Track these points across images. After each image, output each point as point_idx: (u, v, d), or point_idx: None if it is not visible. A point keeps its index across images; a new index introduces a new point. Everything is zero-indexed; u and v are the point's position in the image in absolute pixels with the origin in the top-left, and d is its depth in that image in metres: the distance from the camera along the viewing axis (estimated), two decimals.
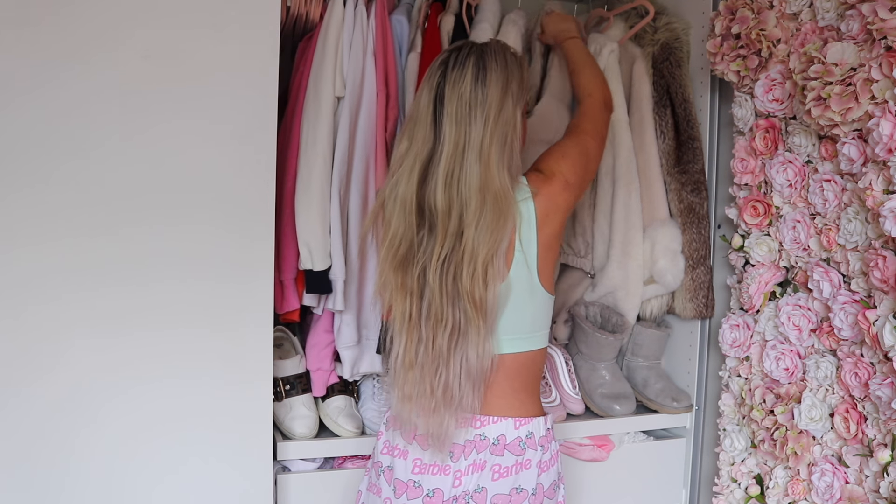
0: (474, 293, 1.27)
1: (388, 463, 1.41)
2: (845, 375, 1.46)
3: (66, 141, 1.41)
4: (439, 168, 1.28)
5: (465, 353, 1.28)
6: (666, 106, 1.88)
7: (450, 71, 1.30)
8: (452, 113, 1.28)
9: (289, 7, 1.76)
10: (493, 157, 1.28)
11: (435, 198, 1.28)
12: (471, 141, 1.27)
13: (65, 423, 1.44)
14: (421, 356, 1.30)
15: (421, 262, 1.30)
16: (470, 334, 1.28)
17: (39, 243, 1.40)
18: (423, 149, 1.30)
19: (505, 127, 1.30)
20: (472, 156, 1.27)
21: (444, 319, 1.28)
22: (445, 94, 1.29)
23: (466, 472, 1.34)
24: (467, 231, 1.27)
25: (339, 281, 1.69)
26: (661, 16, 1.92)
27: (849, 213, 1.45)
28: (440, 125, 1.29)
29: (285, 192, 1.68)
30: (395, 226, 1.31)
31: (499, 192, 1.27)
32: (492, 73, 1.30)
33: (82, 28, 1.40)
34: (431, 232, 1.29)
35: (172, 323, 1.48)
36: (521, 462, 1.34)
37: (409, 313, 1.31)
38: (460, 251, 1.27)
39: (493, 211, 1.27)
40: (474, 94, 1.28)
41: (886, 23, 1.32)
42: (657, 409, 1.93)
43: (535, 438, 1.35)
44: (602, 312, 1.96)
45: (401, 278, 1.31)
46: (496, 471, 1.33)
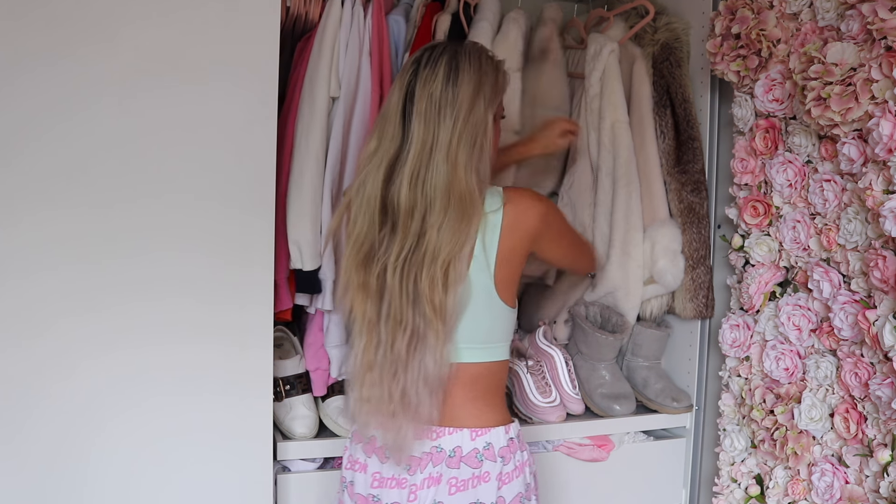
0: (433, 297, 1.24)
1: (350, 478, 1.40)
2: (845, 375, 1.46)
3: (54, 149, 1.41)
4: (405, 167, 1.25)
5: (423, 358, 1.25)
6: (666, 106, 1.88)
7: (422, 69, 1.27)
8: (422, 111, 1.25)
9: (288, 7, 1.76)
10: (461, 159, 1.25)
11: (399, 197, 1.25)
12: (439, 141, 1.24)
13: (66, 423, 1.44)
14: (380, 358, 1.27)
15: (381, 261, 1.28)
16: (428, 339, 1.25)
17: (43, 269, 1.41)
18: (390, 147, 1.27)
19: (475, 129, 1.26)
20: (439, 156, 1.24)
21: (403, 322, 1.26)
22: (416, 92, 1.26)
23: (422, 486, 1.30)
24: (430, 232, 1.24)
25: (328, 281, 1.69)
26: (661, 16, 1.92)
27: (849, 213, 1.45)
28: (409, 124, 1.26)
29: (278, 191, 1.68)
30: (359, 224, 1.29)
31: (464, 193, 1.24)
32: (464, 73, 1.27)
33: (82, 28, 1.40)
34: (394, 231, 1.27)
35: (173, 322, 1.48)
36: (478, 475, 1.29)
37: (368, 314, 1.29)
38: (421, 252, 1.25)
39: (457, 212, 1.24)
40: (444, 94, 1.25)
41: (886, 23, 1.32)
42: (657, 409, 1.93)
43: (494, 449, 1.30)
44: (602, 312, 1.95)
45: (362, 277, 1.29)
46: (453, 484, 1.29)
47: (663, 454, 1.98)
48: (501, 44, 1.79)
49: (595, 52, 1.86)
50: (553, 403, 1.85)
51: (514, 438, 1.34)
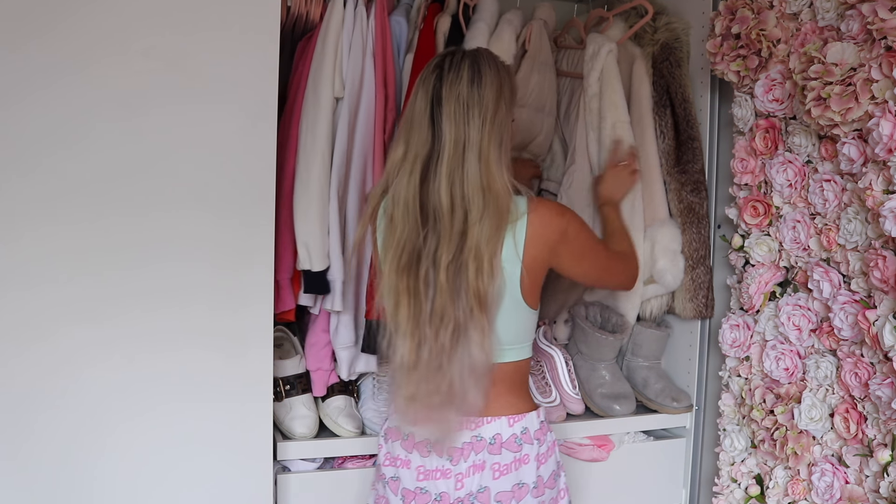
0: (479, 288, 1.29)
1: (391, 474, 1.43)
2: (845, 375, 1.46)
3: (58, 153, 1.41)
4: (441, 168, 1.30)
5: (468, 349, 1.30)
6: (666, 106, 1.88)
7: (446, 73, 1.32)
8: (451, 113, 1.30)
9: (289, 7, 1.76)
10: (492, 156, 1.30)
11: (439, 197, 1.30)
12: (470, 140, 1.29)
13: (73, 430, 1.45)
14: (424, 357, 1.31)
15: (426, 262, 1.31)
16: (471, 331, 1.29)
17: (45, 280, 1.42)
18: (421, 150, 1.32)
19: (500, 128, 1.32)
20: (472, 155, 1.29)
21: (445, 318, 1.30)
22: (443, 95, 1.31)
23: (467, 474, 1.37)
24: (471, 229, 1.29)
25: (337, 281, 1.69)
26: (661, 16, 1.91)
27: (849, 213, 1.45)
28: (438, 126, 1.31)
29: (283, 192, 1.68)
30: (399, 229, 1.33)
31: (500, 190, 1.30)
32: (486, 76, 1.32)
33: (83, 28, 1.40)
34: (435, 232, 1.30)
35: (173, 322, 1.48)
36: (519, 458, 1.37)
37: (412, 315, 1.32)
38: (466, 249, 1.29)
39: (494, 208, 1.29)
40: (471, 95, 1.30)
41: (886, 23, 1.32)
42: (657, 409, 1.93)
43: (531, 433, 1.38)
44: (602, 312, 1.95)
45: (405, 281, 1.32)
46: (496, 469, 1.36)
47: (663, 454, 1.98)
48: (495, 45, 1.79)
49: (593, 53, 1.86)
50: (553, 403, 1.86)
51: (544, 421, 1.43)
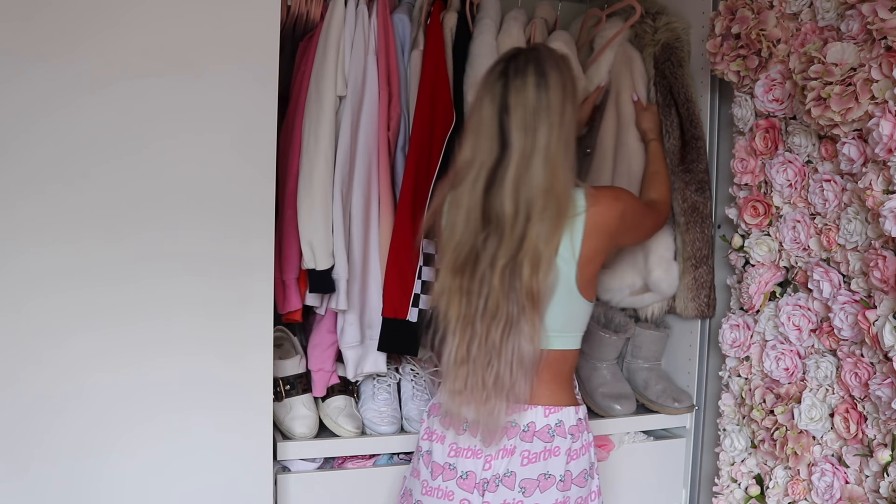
0: (532, 287, 1.32)
1: (426, 447, 1.48)
2: (845, 375, 1.46)
3: (65, 139, 1.41)
4: (507, 175, 1.32)
5: (518, 343, 1.33)
6: (670, 105, 1.88)
7: (511, 80, 1.34)
8: (519, 121, 1.32)
9: (289, 6, 1.76)
10: (559, 160, 1.33)
11: (502, 204, 1.32)
12: (537, 146, 1.32)
13: (75, 428, 1.45)
14: (474, 352, 1.35)
15: (484, 264, 1.34)
16: (522, 325, 1.33)
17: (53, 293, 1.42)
18: (488, 158, 1.34)
19: (569, 130, 1.35)
20: (538, 160, 1.32)
21: (498, 314, 1.33)
22: (510, 103, 1.33)
23: (496, 457, 1.40)
24: (531, 230, 1.32)
25: (341, 280, 1.69)
26: (661, 16, 1.91)
27: (849, 213, 1.45)
28: (506, 134, 1.33)
29: (287, 191, 1.68)
30: (459, 232, 1.36)
31: (562, 193, 1.33)
32: (551, 78, 1.34)
33: (81, 29, 1.40)
34: (496, 235, 1.34)
35: (172, 322, 1.48)
36: (549, 449, 1.39)
37: (464, 313, 1.36)
38: (523, 251, 1.32)
39: (554, 209, 1.33)
40: (538, 101, 1.32)
41: (886, 23, 1.32)
42: (658, 410, 1.93)
43: (565, 427, 1.41)
44: (605, 312, 1.95)
45: (459, 281, 1.36)
46: (525, 456, 1.39)
47: (663, 454, 1.98)
48: (505, 40, 1.80)
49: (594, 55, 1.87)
50: None
51: (582, 420, 1.45)
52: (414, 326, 1.71)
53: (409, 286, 1.70)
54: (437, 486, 1.44)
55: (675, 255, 1.91)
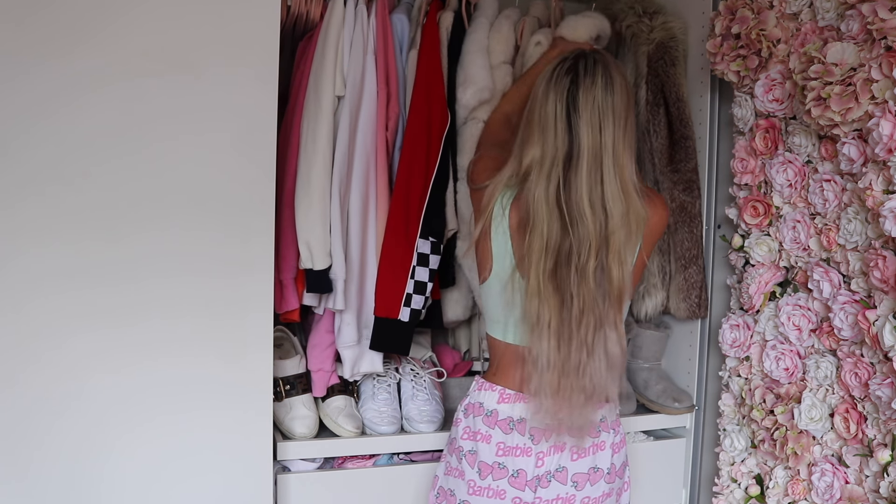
0: (622, 290, 1.36)
1: (469, 447, 1.47)
2: (845, 375, 1.46)
3: (65, 139, 1.41)
4: (581, 173, 1.33)
5: (605, 346, 1.36)
6: (659, 105, 1.88)
7: (581, 78, 1.34)
8: (588, 119, 1.33)
9: (289, 6, 1.76)
10: (627, 163, 1.35)
11: (581, 204, 1.33)
12: (606, 147, 1.33)
13: (75, 428, 1.45)
14: (566, 354, 1.35)
15: (574, 264, 1.34)
16: (607, 328, 1.36)
17: (52, 293, 1.42)
18: (558, 154, 1.34)
19: (633, 133, 1.39)
20: (608, 161, 1.33)
21: (587, 317, 1.35)
22: (579, 100, 1.33)
23: (548, 454, 1.43)
24: (613, 235, 1.34)
25: (339, 280, 1.69)
26: (658, 15, 1.91)
27: (849, 213, 1.45)
28: (576, 132, 1.33)
29: (285, 191, 1.68)
30: (546, 233, 1.35)
31: (635, 197, 1.36)
32: (617, 82, 1.36)
33: (80, 29, 1.40)
34: (577, 236, 1.34)
35: (172, 322, 1.48)
36: (597, 444, 1.45)
37: (557, 315, 1.35)
38: (609, 253, 1.34)
39: (634, 215, 1.36)
40: (606, 101, 1.34)
41: (886, 23, 1.32)
42: (659, 410, 1.93)
43: (608, 422, 1.47)
44: None
45: (553, 282, 1.35)
46: (575, 451, 1.43)
47: (663, 454, 1.98)
48: (495, 37, 1.80)
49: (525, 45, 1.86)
50: None
51: (618, 415, 1.52)
52: (406, 326, 1.71)
53: (402, 286, 1.70)
54: (486, 485, 1.44)
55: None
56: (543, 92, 1.38)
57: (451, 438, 1.53)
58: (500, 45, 1.81)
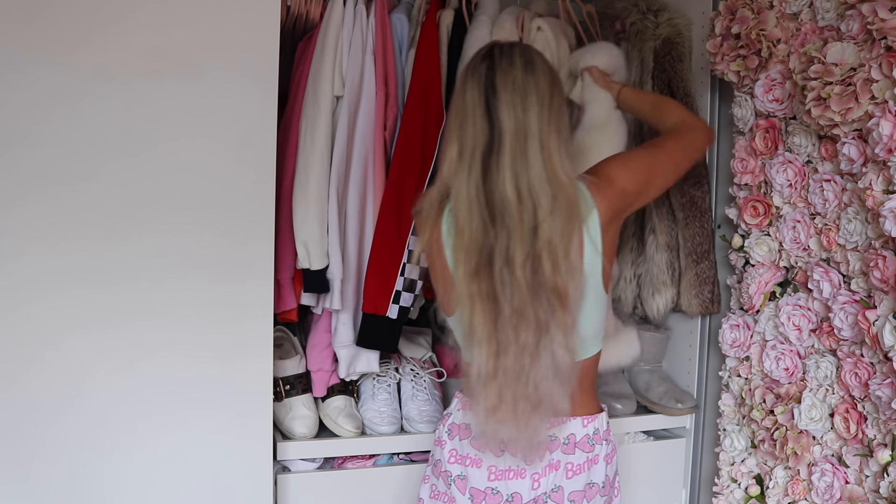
0: (558, 285, 1.23)
1: (458, 472, 1.39)
2: (845, 375, 1.46)
3: (65, 138, 1.41)
4: (503, 159, 1.23)
5: (551, 350, 1.24)
6: None
7: (497, 61, 1.26)
8: (508, 100, 1.23)
9: (289, 6, 1.76)
10: (553, 145, 1.24)
11: (504, 191, 1.22)
12: (530, 129, 1.23)
13: (76, 429, 1.45)
14: (507, 362, 1.24)
15: (499, 261, 1.24)
16: (553, 330, 1.24)
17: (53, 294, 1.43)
18: (477, 144, 1.24)
19: (559, 115, 1.27)
20: (533, 145, 1.23)
21: (526, 316, 1.23)
22: (497, 82, 1.24)
23: (544, 474, 1.36)
24: (542, 224, 1.23)
25: (336, 280, 1.69)
26: (663, 12, 1.91)
27: (849, 213, 1.45)
28: (496, 115, 1.24)
29: (283, 191, 1.68)
30: (466, 232, 1.25)
31: (565, 181, 1.25)
32: (537, 63, 1.27)
33: (78, 28, 1.40)
34: (504, 228, 1.23)
35: (172, 322, 1.49)
36: (591, 458, 1.37)
37: (489, 319, 1.25)
38: (539, 244, 1.23)
39: (565, 201, 1.24)
40: (526, 81, 1.24)
41: (886, 23, 1.32)
42: (662, 412, 1.92)
43: (601, 433, 1.39)
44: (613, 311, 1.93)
45: (478, 285, 1.25)
46: (570, 469, 1.36)
47: (663, 454, 1.98)
48: (498, 34, 1.79)
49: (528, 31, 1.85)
50: None
51: (608, 422, 1.43)
52: (394, 323, 1.70)
53: (391, 282, 1.68)
54: None
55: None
56: (460, 85, 1.29)
57: (437, 460, 1.43)
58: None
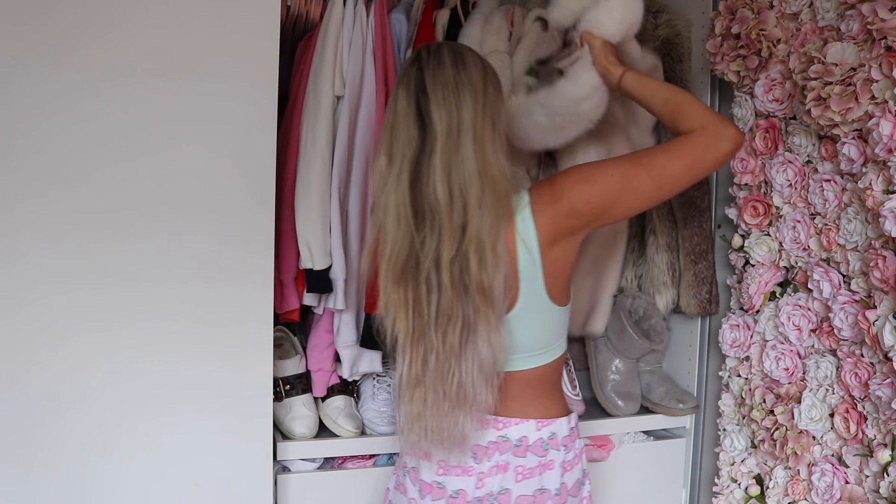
0: (482, 281, 1.20)
1: (413, 464, 1.39)
2: (845, 375, 1.46)
3: (62, 138, 1.41)
4: (435, 159, 1.20)
5: (476, 347, 1.23)
6: None
7: (426, 62, 1.23)
8: (439, 99, 1.20)
9: (289, 7, 1.76)
10: (487, 138, 1.21)
11: (435, 192, 1.20)
12: (463, 123, 1.20)
13: (77, 430, 1.45)
14: (431, 366, 1.24)
15: (426, 266, 1.22)
16: (479, 328, 1.22)
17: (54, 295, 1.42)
18: (408, 149, 1.22)
19: (493, 108, 1.23)
20: (466, 139, 1.20)
21: (453, 317, 1.22)
22: (427, 83, 1.21)
23: (490, 474, 1.33)
24: (471, 220, 1.20)
25: (339, 280, 1.69)
26: (662, 13, 1.91)
27: (849, 213, 1.45)
28: (427, 116, 1.20)
29: (285, 191, 1.68)
30: (391, 238, 1.23)
31: (497, 175, 1.21)
32: (468, 59, 1.24)
33: (78, 28, 1.40)
34: (434, 231, 1.21)
35: (172, 322, 1.49)
36: (544, 463, 1.33)
37: (414, 326, 1.24)
38: (467, 241, 1.20)
39: (493, 194, 1.20)
40: (458, 76, 1.21)
41: (886, 23, 1.32)
42: (663, 412, 1.92)
43: (558, 439, 1.34)
44: (646, 309, 1.92)
45: (401, 292, 1.24)
46: (520, 472, 1.32)
47: (663, 454, 1.98)
48: (487, 29, 1.79)
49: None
50: None
51: (575, 428, 1.38)
52: None
53: None
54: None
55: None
56: (394, 89, 1.26)
57: (400, 452, 1.43)
58: (491, 37, 1.78)
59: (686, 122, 1.27)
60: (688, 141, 1.26)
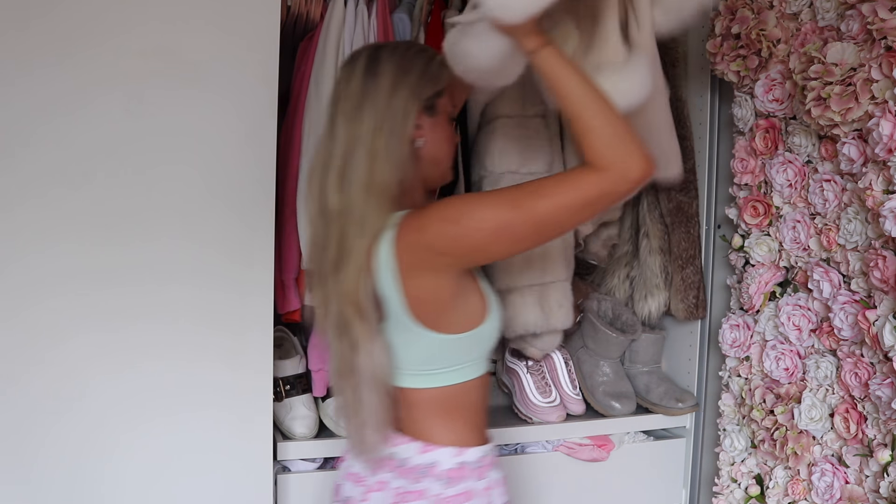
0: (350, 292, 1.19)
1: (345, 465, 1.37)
2: (845, 375, 1.46)
3: (58, 138, 1.41)
4: (332, 165, 1.19)
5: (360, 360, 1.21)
6: None
7: (342, 72, 1.23)
8: (346, 111, 1.19)
9: (289, 7, 1.76)
10: (379, 148, 1.17)
11: (329, 202, 1.20)
12: (360, 137, 1.17)
13: (77, 429, 1.45)
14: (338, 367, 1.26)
15: (325, 269, 1.23)
16: (360, 338, 1.21)
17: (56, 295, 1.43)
18: (317, 159, 1.22)
19: (394, 117, 1.18)
20: (361, 151, 1.17)
21: (341, 326, 1.22)
22: (339, 95, 1.21)
23: (374, 489, 1.27)
24: (349, 232, 1.18)
25: None
26: None
27: (849, 213, 1.45)
28: (335, 128, 1.20)
29: (287, 191, 1.68)
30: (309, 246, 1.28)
31: (382, 185, 1.17)
32: (384, 64, 1.20)
33: (78, 27, 1.40)
34: (331, 239, 1.21)
35: (172, 321, 1.49)
36: (414, 490, 1.23)
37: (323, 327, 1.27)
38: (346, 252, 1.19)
39: (375, 209, 1.17)
40: (364, 87, 1.19)
41: (886, 23, 1.32)
42: (663, 412, 1.92)
43: (438, 470, 1.23)
44: (614, 308, 1.94)
45: (317, 295, 1.26)
46: (397, 493, 1.24)
47: (663, 454, 1.98)
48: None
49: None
50: (553, 403, 1.85)
51: (468, 464, 1.25)
52: None
53: None
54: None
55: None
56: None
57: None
58: None
59: (588, 152, 1.08)
60: (583, 182, 1.09)
